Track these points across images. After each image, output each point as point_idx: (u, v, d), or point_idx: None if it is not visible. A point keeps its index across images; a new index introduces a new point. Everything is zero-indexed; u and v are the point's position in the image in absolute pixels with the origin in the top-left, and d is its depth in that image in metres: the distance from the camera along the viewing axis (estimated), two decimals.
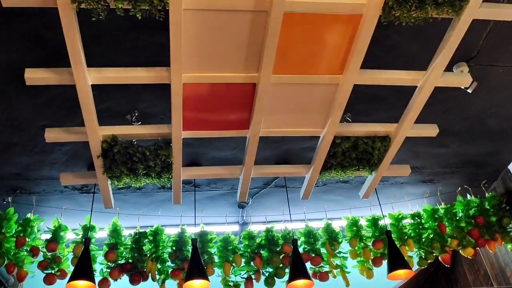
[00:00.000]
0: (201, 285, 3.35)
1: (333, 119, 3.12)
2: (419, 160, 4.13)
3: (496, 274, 4.41)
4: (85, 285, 3.27)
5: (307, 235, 3.96)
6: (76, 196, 4.07)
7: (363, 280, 3.92)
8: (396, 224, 4.02)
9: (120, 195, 4.09)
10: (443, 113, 3.59)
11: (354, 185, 4.34)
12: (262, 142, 3.36)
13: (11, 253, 3.54)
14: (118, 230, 3.75)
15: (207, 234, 3.84)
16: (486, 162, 4.26)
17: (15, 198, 3.88)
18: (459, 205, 4.16)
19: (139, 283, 3.62)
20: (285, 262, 3.77)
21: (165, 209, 4.31)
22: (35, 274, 3.64)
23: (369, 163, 3.48)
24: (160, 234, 3.79)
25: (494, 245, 3.98)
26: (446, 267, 4.47)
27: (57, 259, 3.60)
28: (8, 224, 3.59)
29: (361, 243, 3.96)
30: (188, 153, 3.66)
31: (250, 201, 4.44)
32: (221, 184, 4.18)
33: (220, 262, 3.76)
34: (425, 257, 3.94)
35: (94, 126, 2.93)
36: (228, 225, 4.41)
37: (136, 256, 3.67)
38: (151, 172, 3.25)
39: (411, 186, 4.47)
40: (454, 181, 4.43)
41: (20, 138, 3.37)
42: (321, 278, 3.83)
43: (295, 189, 4.26)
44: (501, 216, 4.04)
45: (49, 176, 3.77)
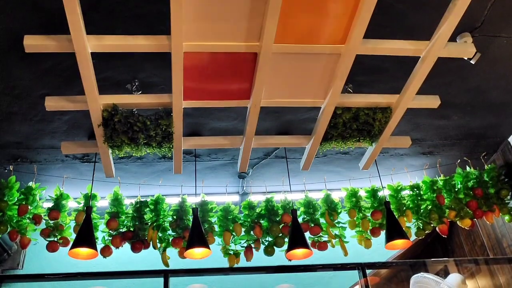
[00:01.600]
0: (202, 253, 3.40)
1: (335, 90, 3.10)
2: (419, 132, 4.13)
3: (493, 245, 4.47)
4: (87, 252, 3.32)
5: (307, 206, 3.99)
6: (77, 165, 4.08)
7: (361, 250, 3.98)
8: (395, 195, 4.05)
9: (121, 164, 4.11)
10: (445, 85, 3.57)
11: (354, 157, 4.35)
12: (263, 112, 3.35)
13: (13, 220, 3.58)
14: (119, 199, 3.79)
15: (208, 204, 3.87)
16: (487, 134, 4.26)
17: (16, 166, 3.90)
18: (458, 177, 4.18)
19: (141, 250, 3.68)
20: (285, 231, 3.82)
21: (166, 179, 4.34)
22: (38, 241, 3.69)
23: (370, 134, 3.48)
24: (161, 203, 3.83)
25: (492, 217, 4.02)
26: (443, 238, 4.53)
27: (59, 227, 3.64)
28: (10, 192, 3.61)
29: (360, 214, 4.00)
30: (189, 123, 3.65)
31: (251, 172, 4.46)
32: (221, 154, 4.19)
33: (220, 231, 3.81)
34: (423, 227, 3.99)
35: (94, 94, 2.92)
36: (228, 195, 4.45)
37: (137, 224, 3.71)
38: (152, 141, 3.26)
39: (410, 158, 4.48)
40: (454, 153, 4.44)
41: (20, 106, 3.36)
42: (319, 247, 3.88)
43: (295, 160, 4.27)
44: (500, 188, 4.07)
45: (50, 145, 3.77)
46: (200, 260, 3.47)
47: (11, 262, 4.71)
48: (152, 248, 3.70)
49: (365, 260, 3.68)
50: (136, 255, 3.69)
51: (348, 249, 3.87)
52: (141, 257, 3.74)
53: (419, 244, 4.97)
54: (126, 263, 4.10)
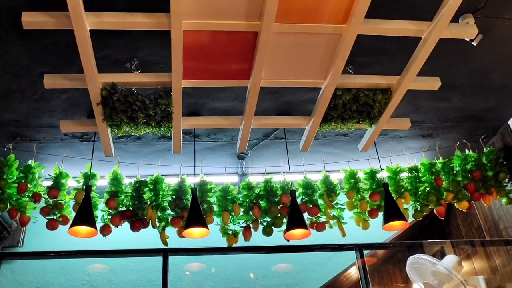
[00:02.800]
0: (201, 233, 3.42)
1: (335, 71, 3.09)
2: (419, 114, 4.12)
3: (489, 227, 4.51)
4: (87, 231, 3.34)
5: (305, 187, 4.01)
6: (76, 144, 4.08)
7: (359, 231, 4.01)
8: (393, 177, 4.06)
9: (120, 144, 4.11)
10: (446, 67, 3.55)
11: (354, 138, 4.35)
12: (263, 93, 3.34)
13: (13, 198, 3.59)
14: (118, 178, 3.80)
15: (207, 184, 3.88)
16: (486, 117, 4.26)
17: (15, 145, 3.89)
18: (456, 159, 4.19)
19: (140, 230, 3.70)
20: (283, 212, 3.84)
21: (165, 159, 4.34)
22: (38, 219, 3.71)
23: (370, 115, 3.47)
24: (160, 183, 3.84)
25: (489, 199, 4.05)
26: (440, 220, 4.56)
27: (59, 205, 3.66)
28: (9, 170, 3.62)
29: (358, 195, 4.02)
30: (188, 103, 3.64)
31: (250, 153, 4.46)
32: (221, 135, 4.19)
33: (219, 211, 3.83)
34: (421, 209, 4.01)
35: (93, 72, 2.90)
36: (227, 175, 4.46)
37: (136, 204, 3.73)
38: (151, 121, 3.25)
39: (410, 140, 4.48)
40: (453, 136, 4.44)
41: (18, 84, 3.34)
42: (317, 228, 3.91)
43: (295, 141, 4.27)
44: (498, 171, 4.08)
45: (49, 123, 3.76)
46: (198, 240, 3.49)
47: (11, 240, 4.75)
48: (151, 227, 3.72)
49: (363, 241, 3.70)
50: (135, 234, 3.71)
51: (346, 230, 3.90)
52: (141, 236, 3.77)
53: (416, 226, 5.02)
54: (126, 242, 4.13)
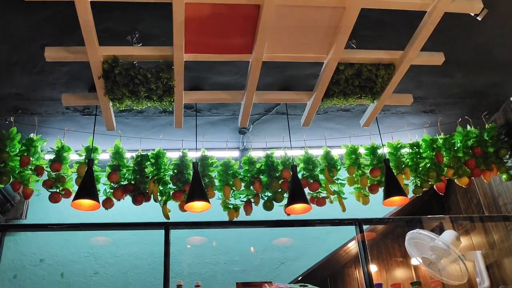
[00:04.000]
0: (202, 207, 3.45)
1: (338, 45, 3.06)
2: (422, 89, 4.10)
3: (489, 203, 4.54)
4: (89, 204, 3.37)
5: (306, 162, 4.02)
6: (78, 118, 4.08)
7: (359, 206, 4.03)
8: (394, 153, 4.07)
9: (122, 118, 4.10)
10: (450, 42, 3.52)
11: (355, 114, 4.35)
12: (265, 67, 3.32)
13: (16, 171, 3.61)
14: (120, 152, 3.80)
15: (208, 159, 3.89)
16: (489, 93, 4.24)
17: (17, 118, 3.89)
18: (458, 135, 4.19)
19: (142, 203, 3.73)
20: (284, 187, 3.86)
21: (167, 133, 4.35)
22: (41, 192, 3.73)
23: (372, 91, 3.46)
24: (161, 157, 3.85)
25: (489, 175, 4.06)
26: (440, 196, 4.59)
27: (61, 178, 3.68)
28: (11, 143, 3.63)
29: (359, 171, 4.03)
30: (190, 78, 3.62)
31: (251, 127, 4.46)
32: (222, 109, 4.18)
33: (220, 186, 3.85)
34: (421, 185, 4.03)
35: (94, 45, 2.88)
36: (228, 150, 4.47)
37: (138, 178, 3.75)
38: (153, 95, 3.24)
39: (412, 116, 4.47)
40: (456, 112, 4.43)
41: (19, 57, 3.33)
42: (318, 203, 3.94)
43: (296, 117, 4.27)
44: (499, 147, 4.08)
45: (50, 97, 3.75)
46: (200, 214, 3.52)
47: (14, 212, 4.80)
48: (153, 201, 3.75)
49: (362, 216, 3.74)
50: (137, 207, 3.74)
51: (346, 206, 3.92)
52: (142, 209, 3.80)
53: (416, 201, 5.05)
54: (128, 215, 4.17)
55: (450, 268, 4.00)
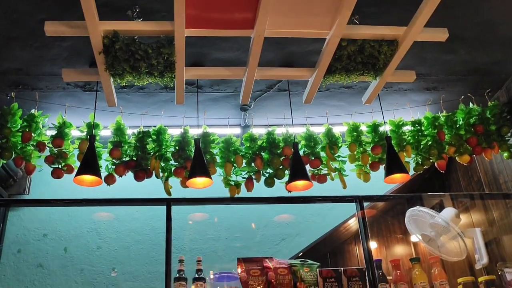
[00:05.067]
0: (204, 183, 3.47)
1: (341, 20, 3.02)
2: (425, 66, 4.07)
3: (489, 181, 4.55)
4: (91, 179, 3.39)
5: (308, 139, 4.02)
6: (79, 93, 4.07)
7: (360, 184, 4.05)
8: (396, 130, 4.06)
9: (123, 94, 4.09)
10: (455, 18, 3.47)
11: (357, 91, 4.32)
12: (267, 43, 3.29)
13: (18, 147, 3.62)
14: (121, 128, 3.81)
15: (209, 135, 3.90)
16: (493, 71, 4.20)
17: (18, 93, 3.88)
18: (460, 113, 4.18)
19: (143, 179, 3.75)
20: (285, 164, 3.87)
21: (168, 109, 4.34)
22: (43, 168, 3.75)
23: (374, 67, 3.43)
24: (163, 133, 3.85)
25: (490, 153, 4.06)
26: (441, 174, 4.60)
27: (63, 154, 3.69)
28: (13, 119, 3.63)
29: (360, 148, 4.04)
30: (191, 54, 3.60)
31: (253, 104, 4.45)
32: (224, 86, 4.16)
33: (222, 162, 3.86)
34: (422, 162, 4.03)
35: (94, 20, 2.86)
36: (230, 127, 4.47)
37: (140, 154, 3.76)
38: (154, 70, 3.23)
39: (414, 93, 4.45)
40: (458, 89, 4.40)
41: (19, 32, 3.30)
42: (319, 180, 3.95)
43: (298, 94, 4.25)
44: (501, 125, 4.07)
45: (51, 72, 3.74)
46: (201, 190, 3.54)
47: (17, 188, 4.84)
48: (154, 177, 3.77)
49: (363, 193, 3.76)
50: (139, 183, 3.76)
51: (347, 183, 3.94)
52: (144, 185, 3.82)
53: (417, 179, 5.06)
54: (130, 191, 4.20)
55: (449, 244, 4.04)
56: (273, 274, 3.26)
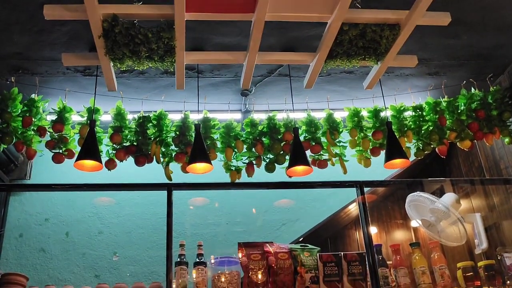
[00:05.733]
0: (204, 168, 3.47)
1: (342, 4, 2.99)
2: (427, 51, 4.04)
3: (490, 167, 4.55)
4: (92, 164, 3.39)
5: (308, 124, 4.01)
6: (79, 78, 4.05)
7: (360, 169, 4.05)
8: (397, 115, 4.05)
9: (123, 79, 4.08)
10: (457, 1, 3.44)
11: (359, 76, 4.30)
12: (267, 28, 3.26)
13: (18, 132, 3.62)
14: (122, 113, 3.80)
15: (210, 121, 3.89)
16: (495, 55, 4.17)
17: (18, 78, 3.86)
18: (462, 98, 4.16)
19: (144, 164, 3.75)
20: (286, 149, 3.87)
21: (168, 94, 4.32)
22: (44, 153, 3.76)
23: (376, 52, 3.41)
24: (163, 119, 3.84)
25: (491, 138, 4.05)
26: (442, 159, 4.59)
27: (64, 139, 3.69)
28: (13, 104, 3.62)
29: (361, 134, 4.03)
30: (192, 38, 3.57)
31: (253, 89, 4.43)
32: (224, 71, 4.14)
33: (222, 148, 3.86)
34: (423, 148, 4.03)
35: (93, 3, 2.83)
36: (230, 112, 4.46)
37: (140, 139, 3.75)
38: (154, 55, 3.21)
39: (416, 78, 4.43)
40: (460, 74, 4.38)
41: (18, 16, 3.28)
42: (319, 165, 3.95)
43: (299, 79, 4.23)
44: (502, 110, 4.05)
45: (51, 57, 3.72)
46: (202, 175, 3.55)
47: (18, 173, 4.85)
48: (155, 162, 3.77)
49: (363, 179, 3.76)
50: (140, 168, 3.77)
51: (347, 168, 3.94)
52: (145, 171, 3.83)
53: (418, 165, 5.06)
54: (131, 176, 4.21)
55: (449, 230, 4.05)
56: (274, 258, 3.28)
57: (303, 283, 3.22)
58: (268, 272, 3.23)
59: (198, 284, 3.15)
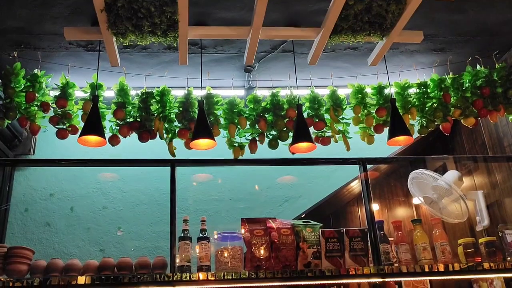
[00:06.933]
0: (207, 144, 3.48)
1: None
2: (432, 27, 3.98)
3: (493, 144, 4.54)
4: (96, 140, 3.40)
5: (312, 101, 3.99)
6: (82, 53, 4.03)
7: (363, 146, 4.05)
8: (401, 92, 4.02)
9: (126, 54, 4.05)
10: None
11: (363, 52, 4.26)
12: (271, 2, 3.22)
13: (22, 107, 3.62)
14: (125, 89, 3.78)
15: (213, 97, 3.87)
16: (502, 32, 4.11)
17: (20, 53, 3.84)
18: (467, 75, 4.12)
19: (148, 140, 3.76)
20: (289, 126, 3.86)
21: (171, 70, 4.30)
22: (47, 129, 3.76)
23: (381, 27, 3.37)
24: (166, 95, 3.83)
25: (496, 116, 4.02)
26: (445, 137, 4.59)
27: (68, 115, 3.69)
28: (16, 79, 3.61)
29: (365, 110, 4.01)
30: (195, 13, 3.53)
31: (257, 66, 4.40)
32: (227, 46, 4.11)
33: (226, 124, 3.86)
34: (426, 125, 4.01)
35: None
36: (234, 89, 4.44)
37: (143, 115, 3.75)
38: (157, 29, 3.18)
39: (421, 55, 4.38)
40: (466, 51, 4.32)
41: None
42: (323, 142, 3.95)
43: (303, 55, 4.19)
44: (508, 88, 4.01)
45: (53, 31, 3.69)
46: (205, 152, 3.55)
47: (22, 148, 4.87)
48: (159, 138, 3.77)
49: (366, 156, 3.76)
50: (143, 145, 3.78)
51: (351, 145, 3.93)
52: (149, 147, 3.84)
53: (421, 142, 5.06)
54: (135, 152, 4.23)
55: (450, 207, 4.08)
56: (276, 234, 3.32)
57: (305, 258, 3.26)
58: (270, 248, 3.27)
59: (202, 258, 3.20)
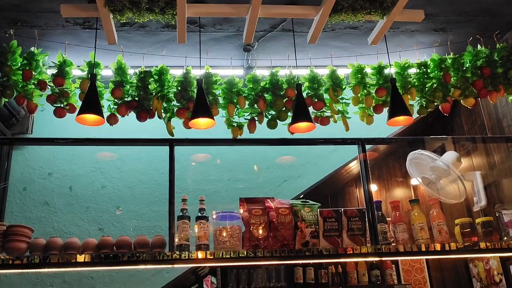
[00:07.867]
0: (206, 123, 3.46)
1: None
2: (434, 6, 3.94)
3: (492, 125, 4.54)
4: (94, 118, 3.38)
5: (311, 81, 3.96)
6: (79, 31, 3.98)
7: (363, 127, 4.04)
8: (401, 72, 3.99)
9: (123, 32, 4.00)
10: None
11: (363, 32, 4.22)
12: None
13: (19, 85, 3.58)
14: (123, 68, 3.74)
15: (212, 76, 3.84)
16: (503, 11, 4.07)
17: (17, 31, 3.79)
18: (467, 55, 4.08)
19: (146, 119, 3.73)
20: (288, 105, 3.84)
21: (170, 49, 4.26)
22: (45, 107, 3.74)
23: (382, 6, 3.33)
24: (165, 74, 3.79)
25: (496, 96, 4.00)
26: (444, 118, 4.58)
27: (65, 93, 3.65)
28: (12, 57, 3.56)
29: (364, 90, 3.99)
30: None
31: (256, 45, 4.36)
32: (226, 25, 4.06)
33: (225, 103, 3.83)
34: (426, 105, 3.99)
35: None
36: (233, 68, 4.41)
37: (142, 94, 3.72)
38: (155, 6, 3.14)
39: (421, 35, 4.34)
40: (467, 31, 4.28)
41: None
42: (322, 122, 3.93)
43: (303, 34, 4.15)
44: (508, 68, 3.98)
45: (50, 8, 3.64)
46: (204, 131, 3.54)
47: (20, 127, 4.85)
48: (157, 118, 3.75)
49: (366, 136, 3.75)
50: (142, 124, 3.76)
51: (350, 125, 3.92)
52: (147, 126, 3.82)
53: (420, 123, 5.06)
54: (133, 131, 4.21)
55: (448, 187, 4.10)
56: (275, 213, 3.33)
57: (303, 237, 3.28)
58: (269, 227, 3.28)
59: (200, 238, 3.21)
